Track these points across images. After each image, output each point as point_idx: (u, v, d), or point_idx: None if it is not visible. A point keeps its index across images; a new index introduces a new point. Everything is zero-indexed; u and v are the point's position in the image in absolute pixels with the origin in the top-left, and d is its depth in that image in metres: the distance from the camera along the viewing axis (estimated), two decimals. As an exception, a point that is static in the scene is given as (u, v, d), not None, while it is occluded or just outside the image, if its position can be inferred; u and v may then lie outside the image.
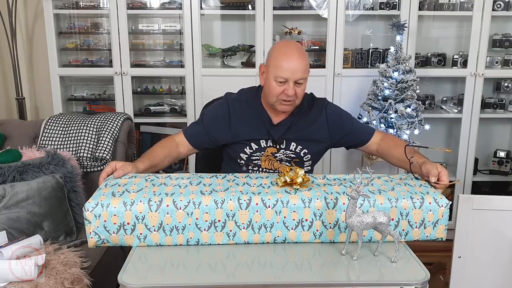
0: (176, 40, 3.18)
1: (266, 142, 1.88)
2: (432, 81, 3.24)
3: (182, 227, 1.41)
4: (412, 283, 1.26)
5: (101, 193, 1.46)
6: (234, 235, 1.43)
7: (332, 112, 1.95)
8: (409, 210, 1.44)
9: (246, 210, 1.40)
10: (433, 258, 2.64)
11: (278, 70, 1.76)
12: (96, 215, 1.40)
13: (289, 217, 1.42)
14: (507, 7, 2.99)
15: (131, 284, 1.24)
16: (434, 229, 1.47)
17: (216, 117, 1.92)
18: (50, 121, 2.47)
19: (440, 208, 1.46)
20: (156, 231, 1.41)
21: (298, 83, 1.78)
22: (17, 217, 1.94)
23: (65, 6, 3.04)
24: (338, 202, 1.42)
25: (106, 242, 1.44)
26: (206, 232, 1.42)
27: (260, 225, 1.42)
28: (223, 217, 1.41)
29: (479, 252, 1.90)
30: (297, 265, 1.36)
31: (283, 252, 1.42)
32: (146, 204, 1.40)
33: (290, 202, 1.42)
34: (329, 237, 1.45)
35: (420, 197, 1.46)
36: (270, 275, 1.31)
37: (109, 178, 1.59)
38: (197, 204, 1.40)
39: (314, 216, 1.42)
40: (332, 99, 3.05)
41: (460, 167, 3.15)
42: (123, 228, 1.40)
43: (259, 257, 1.39)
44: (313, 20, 3.18)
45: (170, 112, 3.23)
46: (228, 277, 1.30)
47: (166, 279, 1.30)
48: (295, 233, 1.43)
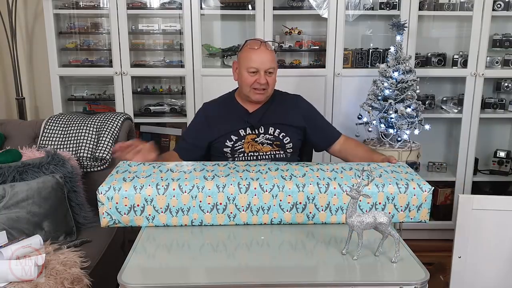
0: (176, 40, 3.18)
1: (245, 130, 2.01)
2: (432, 81, 3.24)
3: (187, 209, 1.53)
4: (412, 283, 1.26)
5: (113, 178, 1.58)
6: (234, 217, 1.55)
7: (305, 104, 2.12)
8: (395, 194, 1.55)
9: (246, 194, 1.53)
10: (433, 258, 2.64)
11: (248, 62, 1.95)
12: (109, 198, 1.51)
13: (284, 200, 1.54)
14: (507, 7, 2.99)
15: (130, 283, 1.24)
16: (418, 212, 1.58)
17: (198, 123, 2.08)
18: (50, 121, 2.47)
19: (424, 193, 1.57)
20: (163, 212, 1.53)
21: (268, 72, 1.95)
22: (17, 217, 1.94)
23: (65, 6, 3.04)
24: (329, 187, 1.55)
25: (117, 223, 1.54)
26: (209, 214, 1.54)
27: (258, 207, 1.55)
28: (224, 200, 1.53)
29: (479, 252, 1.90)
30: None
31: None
32: (154, 188, 1.52)
33: (286, 187, 1.55)
34: (321, 219, 1.57)
35: (405, 183, 1.58)
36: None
37: (120, 165, 1.69)
38: (201, 188, 1.53)
39: (308, 200, 1.55)
40: (332, 99, 3.05)
41: (460, 167, 3.15)
42: (133, 209, 1.53)
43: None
44: (313, 20, 3.18)
45: (170, 112, 3.23)
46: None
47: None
48: (290, 215, 1.56)
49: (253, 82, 1.95)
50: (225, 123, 2.02)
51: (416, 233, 3.09)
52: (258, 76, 1.94)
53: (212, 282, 1.30)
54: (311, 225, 1.58)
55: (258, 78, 1.94)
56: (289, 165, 1.70)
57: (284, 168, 1.66)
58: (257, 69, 1.94)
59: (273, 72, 1.97)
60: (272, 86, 2.00)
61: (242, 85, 2.00)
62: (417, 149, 2.76)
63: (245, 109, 2.04)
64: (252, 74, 1.95)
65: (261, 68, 1.94)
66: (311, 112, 2.12)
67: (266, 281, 1.28)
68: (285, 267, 1.36)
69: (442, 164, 3.30)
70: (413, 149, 2.72)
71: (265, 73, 1.95)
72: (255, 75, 1.95)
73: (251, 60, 1.95)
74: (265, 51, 1.96)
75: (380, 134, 2.76)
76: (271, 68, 1.95)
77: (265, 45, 1.97)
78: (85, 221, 2.18)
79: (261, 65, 1.94)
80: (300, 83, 3.01)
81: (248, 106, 2.05)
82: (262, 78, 1.94)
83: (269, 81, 1.96)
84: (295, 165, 1.70)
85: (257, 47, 1.95)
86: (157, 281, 1.28)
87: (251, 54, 1.95)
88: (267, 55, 1.95)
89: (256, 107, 2.04)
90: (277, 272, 1.34)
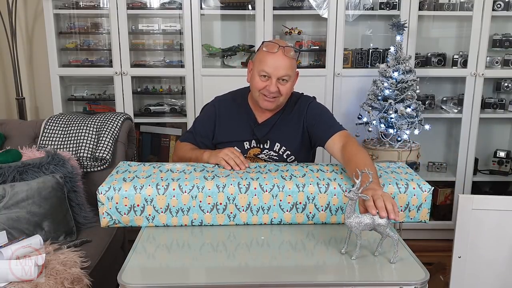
0: (176, 40, 3.18)
1: (249, 143, 1.91)
2: (432, 81, 3.24)
3: (187, 209, 1.53)
4: (412, 283, 1.26)
5: (113, 178, 1.57)
6: (234, 217, 1.55)
7: (313, 106, 1.92)
8: (394, 194, 1.54)
9: (246, 194, 1.53)
10: (433, 258, 2.64)
11: (262, 65, 1.80)
12: (109, 198, 1.51)
13: (284, 200, 1.54)
14: (507, 7, 2.99)
15: (130, 284, 1.24)
16: (418, 212, 1.58)
17: (206, 120, 1.97)
18: (50, 121, 2.47)
19: (424, 193, 1.56)
20: (163, 212, 1.53)
21: (282, 79, 1.79)
22: (17, 217, 1.94)
23: (65, 6, 3.04)
24: (329, 187, 1.55)
25: (117, 223, 1.54)
26: (208, 214, 1.54)
27: (258, 207, 1.54)
28: (224, 200, 1.53)
29: (479, 252, 1.90)
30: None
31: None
32: (154, 188, 1.52)
33: (286, 187, 1.54)
34: (321, 219, 1.57)
35: (404, 183, 1.57)
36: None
37: (120, 165, 1.69)
38: (201, 188, 1.53)
39: (308, 200, 1.54)
40: (332, 99, 3.05)
41: (460, 167, 3.15)
42: (133, 209, 1.53)
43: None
44: (313, 20, 3.18)
45: (170, 112, 3.22)
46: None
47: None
48: (290, 215, 1.56)
49: (263, 87, 1.80)
50: (232, 128, 1.92)
51: (416, 233, 3.09)
52: (269, 82, 1.78)
53: (212, 282, 1.30)
54: (311, 225, 1.58)
55: (268, 85, 1.79)
56: (289, 165, 1.70)
57: (284, 168, 1.66)
58: (270, 75, 1.78)
59: (288, 80, 1.80)
60: (285, 96, 1.83)
61: (252, 88, 1.87)
62: (417, 149, 2.76)
63: (254, 118, 1.91)
64: (263, 78, 1.80)
65: (273, 75, 1.78)
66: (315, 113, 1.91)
67: (266, 281, 1.28)
68: (285, 267, 1.36)
69: (442, 164, 3.30)
70: (413, 149, 2.72)
71: (278, 81, 1.79)
72: (266, 81, 1.79)
73: (265, 64, 1.78)
74: (282, 56, 1.78)
75: (380, 134, 2.76)
76: (286, 76, 1.78)
77: (284, 50, 1.78)
78: (85, 221, 2.18)
79: (275, 71, 1.77)
80: (300, 83, 2.99)
81: (259, 113, 1.91)
82: (272, 85, 1.78)
83: (281, 90, 1.80)
84: (295, 166, 1.69)
85: (275, 51, 1.78)
86: (157, 281, 1.28)
87: (266, 57, 1.79)
88: (284, 61, 1.78)
89: (267, 117, 1.91)
90: (277, 272, 1.34)
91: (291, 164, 1.71)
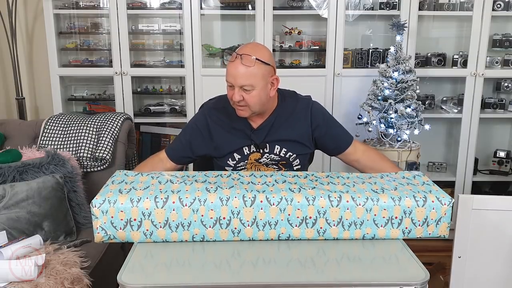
0: (176, 40, 3.18)
1: (249, 148, 1.86)
2: (432, 81, 3.24)
3: (188, 224, 1.43)
4: (412, 283, 1.26)
5: (108, 190, 1.47)
6: (239, 232, 1.45)
7: (316, 112, 1.90)
8: (412, 208, 1.45)
9: (251, 208, 1.43)
10: (433, 258, 2.64)
11: (226, 74, 1.75)
12: (103, 211, 1.41)
13: (293, 214, 1.43)
14: (507, 7, 2.99)
15: (130, 284, 1.24)
16: (436, 227, 1.49)
17: (197, 129, 1.89)
18: (50, 121, 2.47)
19: (443, 206, 1.47)
20: (162, 227, 1.43)
21: (244, 89, 1.72)
22: (17, 217, 1.94)
23: (65, 6, 3.04)
24: (342, 200, 1.44)
25: (112, 238, 1.45)
26: (211, 229, 1.44)
27: (264, 222, 1.44)
28: (228, 214, 1.43)
29: (479, 252, 1.90)
30: (301, 262, 1.37)
31: (287, 249, 1.43)
32: (152, 201, 1.42)
33: (294, 200, 1.43)
34: (332, 234, 1.46)
35: (422, 195, 1.48)
36: (274, 273, 1.32)
37: (116, 175, 1.60)
38: (203, 201, 1.42)
39: (318, 214, 1.44)
40: (332, 99, 3.05)
41: (460, 167, 3.15)
42: (129, 224, 1.42)
43: (263, 254, 1.41)
44: (313, 20, 3.18)
45: (170, 112, 3.23)
46: (233, 275, 1.31)
47: (173, 277, 1.31)
48: (299, 230, 1.45)
49: (231, 97, 1.76)
50: (229, 137, 1.86)
51: (416, 233, 3.08)
52: (234, 91, 1.73)
53: (213, 282, 1.28)
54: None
55: (234, 94, 1.73)
56: (297, 177, 1.60)
57: (292, 180, 1.55)
58: (232, 84, 1.73)
59: (251, 89, 1.71)
60: (253, 104, 1.74)
61: None
62: (417, 149, 2.76)
63: (249, 124, 1.86)
64: (229, 88, 1.75)
65: (234, 83, 1.71)
66: (321, 120, 1.89)
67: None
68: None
69: (442, 164, 3.30)
70: (413, 149, 2.72)
71: (242, 89, 1.72)
72: (232, 90, 1.74)
73: (227, 73, 1.73)
74: (239, 65, 1.69)
75: (380, 134, 2.76)
76: (247, 85, 1.70)
77: (241, 58, 1.69)
78: (85, 221, 2.17)
79: (234, 80, 1.71)
80: (300, 83, 2.99)
81: (252, 119, 1.85)
82: (235, 94, 1.72)
83: (246, 98, 1.72)
84: (303, 179, 1.59)
85: (233, 59, 1.72)
86: (157, 281, 1.27)
87: (228, 66, 1.74)
88: (241, 70, 1.69)
89: (261, 121, 1.85)
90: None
91: (299, 176, 1.61)
